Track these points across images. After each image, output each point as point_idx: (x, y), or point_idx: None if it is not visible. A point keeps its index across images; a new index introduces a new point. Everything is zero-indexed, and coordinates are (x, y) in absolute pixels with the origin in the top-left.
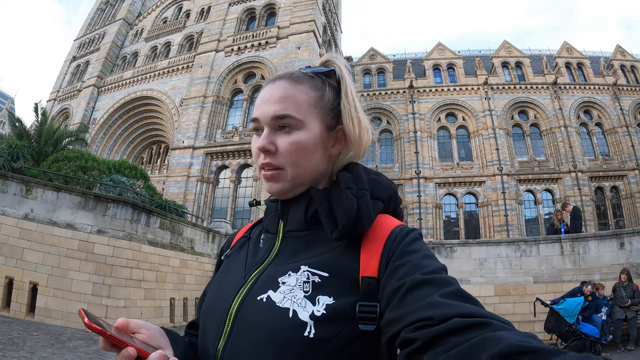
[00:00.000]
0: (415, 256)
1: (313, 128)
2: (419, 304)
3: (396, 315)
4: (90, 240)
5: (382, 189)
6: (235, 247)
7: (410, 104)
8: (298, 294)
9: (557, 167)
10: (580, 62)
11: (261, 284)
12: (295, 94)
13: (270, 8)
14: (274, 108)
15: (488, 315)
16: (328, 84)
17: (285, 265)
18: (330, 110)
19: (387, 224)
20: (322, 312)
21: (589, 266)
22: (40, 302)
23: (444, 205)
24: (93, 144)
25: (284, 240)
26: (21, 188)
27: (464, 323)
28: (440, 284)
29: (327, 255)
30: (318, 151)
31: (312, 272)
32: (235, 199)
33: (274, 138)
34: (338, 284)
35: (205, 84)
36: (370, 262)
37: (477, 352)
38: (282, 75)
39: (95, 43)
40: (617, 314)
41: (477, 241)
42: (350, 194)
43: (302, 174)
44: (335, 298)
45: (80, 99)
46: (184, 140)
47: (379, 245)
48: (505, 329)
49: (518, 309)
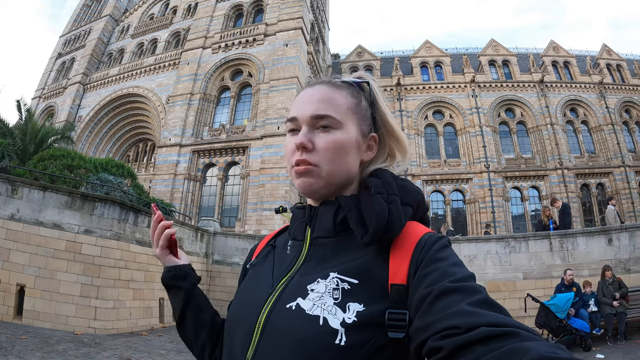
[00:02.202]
0: (443, 264)
1: (350, 130)
2: (446, 312)
3: (423, 323)
4: (78, 240)
5: (410, 195)
6: (261, 256)
7: (398, 101)
8: (328, 301)
9: (543, 165)
10: (567, 60)
11: (290, 292)
12: (335, 96)
13: (257, 5)
14: (313, 107)
15: (516, 324)
16: (363, 95)
17: (314, 273)
18: (365, 118)
19: (416, 230)
20: (353, 319)
21: (577, 262)
22: (28, 304)
23: (432, 202)
24: (79, 142)
25: (312, 247)
26: (7, 188)
27: (490, 332)
28: (468, 292)
29: (356, 262)
30: (352, 153)
31: (341, 279)
32: (222, 197)
33: (312, 136)
34: (368, 290)
35: (192, 81)
36: (400, 269)
37: None
38: (321, 80)
39: (81, 40)
40: (607, 309)
41: (467, 238)
42: (381, 199)
43: (335, 173)
44: (366, 305)
45: (65, 96)
46: (170, 138)
47: (408, 252)
48: (533, 339)
49: (508, 305)
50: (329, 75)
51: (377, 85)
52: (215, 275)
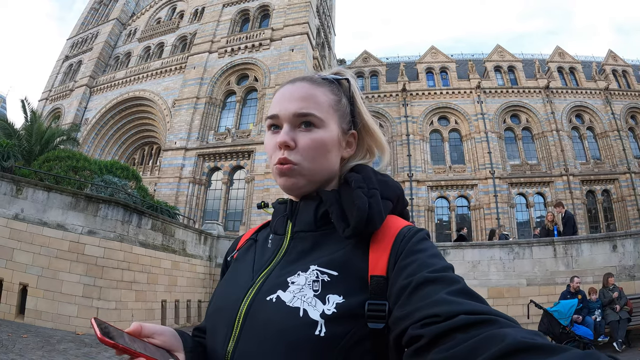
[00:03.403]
0: (422, 255)
1: (332, 128)
2: (426, 302)
3: (403, 312)
4: (81, 241)
5: (390, 189)
6: (242, 250)
7: (403, 107)
8: (308, 293)
9: (548, 171)
10: (573, 66)
11: (270, 284)
12: (316, 94)
13: (264, 10)
14: (296, 105)
15: (494, 312)
16: (342, 91)
17: (294, 265)
18: (345, 115)
19: (396, 223)
20: (332, 311)
21: (582, 269)
22: (30, 304)
23: (436, 208)
24: (85, 144)
25: (292, 241)
26: (11, 187)
27: (469, 320)
28: (447, 282)
29: (336, 255)
30: (334, 151)
31: (321, 271)
32: (227, 200)
33: (294, 134)
34: (347, 282)
35: (198, 85)
36: (379, 260)
37: (482, 348)
38: (301, 77)
39: (88, 43)
40: (611, 316)
41: (470, 244)
42: (362, 193)
43: (317, 171)
44: (345, 297)
45: (72, 98)
46: (176, 142)
47: (387, 245)
48: (511, 326)
49: (511, 311)
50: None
51: (356, 82)
52: (218, 279)
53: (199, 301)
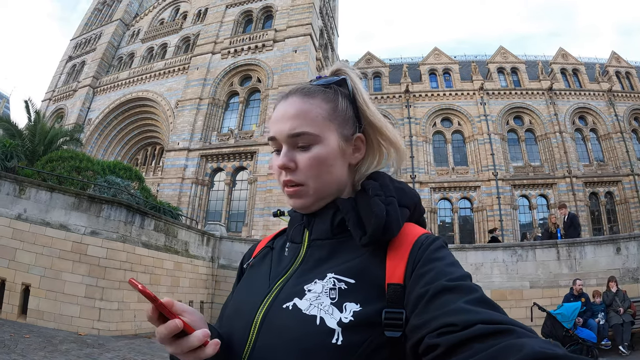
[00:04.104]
0: (440, 263)
1: (330, 141)
2: (443, 310)
3: (420, 321)
4: (84, 241)
5: (408, 197)
6: (258, 257)
7: (406, 108)
8: (325, 301)
9: (551, 173)
10: (576, 68)
11: (287, 292)
12: (308, 109)
13: (267, 11)
14: (289, 125)
15: (512, 322)
16: (340, 94)
17: (311, 273)
18: (346, 120)
19: (413, 231)
20: (349, 319)
21: (585, 271)
22: (33, 304)
23: (439, 210)
24: (88, 145)
25: (309, 249)
26: (14, 188)
27: (487, 330)
28: (465, 291)
29: (353, 262)
30: (337, 163)
31: (338, 279)
32: (230, 201)
33: (293, 155)
34: (364, 290)
35: (202, 85)
36: (397, 268)
37: (500, 358)
38: (294, 90)
39: (91, 43)
40: (614, 319)
41: (474, 246)
42: (379, 201)
43: (324, 188)
44: (362, 305)
45: (75, 99)
46: (179, 142)
47: (405, 253)
48: (529, 336)
49: (514, 313)
50: (305, 84)
51: (358, 77)
52: (220, 280)
53: (201, 302)
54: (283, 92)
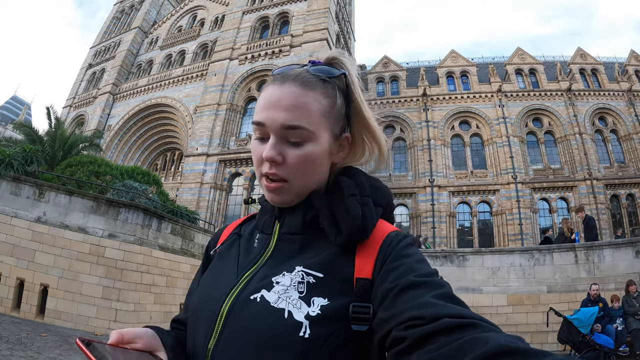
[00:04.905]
0: (409, 259)
1: (323, 140)
2: (411, 304)
3: (388, 314)
4: (102, 244)
5: (382, 195)
6: (225, 245)
7: (424, 111)
8: (293, 294)
9: (572, 175)
10: (595, 68)
11: (255, 284)
12: (307, 102)
13: (283, 16)
14: (284, 116)
15: (477, 317)
16: (338, 89)
17: (280, 266)
18: (339, 119)
19: (383, 228)
20: (317, 313)
21: (603, 275)
22: (50, 304)
23: (458, 214)
24: (108, 150)
25: (279, 242)
26: (34, 191)
27: (453, 323)
28: (432, 286)
29: (322, 257)
30: (324, 163)
31: (306, 273)
32: (248, 206)
33: (282, 148)
34: (333, 284)
35: (219, 91)
36: (366, 264)
37: (465, 351)
38: (290, 75)
39: (110, 51)
40: (633, 325)
41: (490, 250)
42: (355, 202)
43: (306, 186)
44: (330, 299)
45: (95, 105)
46: (197, 148)
47: (374, 249)
48: (494, 330)
49: (531, 318)
50: (298, 68)
51: (356, 72)
52: None
53: None
54: (276, 73)
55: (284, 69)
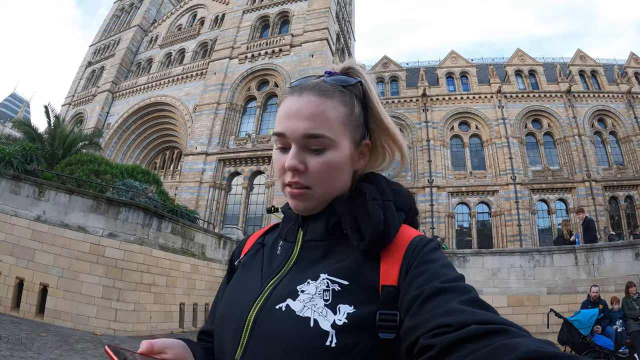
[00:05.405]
0: (434, 265)
1: (343, 147)
2: (437, 311)
3: (414, 322)
4: (102, 243)
5: (404, 199)
6: (249, 254)
7: (424, 112)
8: (318, 302)
9: (570, 177)
10: (594, 69)
11: (279, 293)
12: (326, 110)
13: (284, 16)
14: (304, 125)
15: (506, 322)
16: (355, 97)
17: (304, 274)
18: (358, 126)
19: (407, 233)
20: (343, 321)
21: (603, 277)
22: (50, 304)
23: (457, 215)
24: (107, 149)
25: (303, 250)
26: (34, 190)
27: (481, 330)
28: (459, 291)
29: (346, 263)
30: (346, 170)
31: (332, 280)
32: (247, 205)
33: (304, 157)
34: (358, 292)
35: (219, 90)
36: (391, 270)
37: (494, 358)
38: (308, 85)
39: (110, 49)
40: (633, 327)
41: (490, 251)
42: (377, 206)
43: (329, 193)
44: (356, 307)
45: (94, 103)
46: (197, 147)
47: (399, 255)
48: (523, 336)
49: (531, 320)
50: (315, 79)
51: (372, 80)
52: None
53: None
54: (294, 85)
55: (301, 81)
